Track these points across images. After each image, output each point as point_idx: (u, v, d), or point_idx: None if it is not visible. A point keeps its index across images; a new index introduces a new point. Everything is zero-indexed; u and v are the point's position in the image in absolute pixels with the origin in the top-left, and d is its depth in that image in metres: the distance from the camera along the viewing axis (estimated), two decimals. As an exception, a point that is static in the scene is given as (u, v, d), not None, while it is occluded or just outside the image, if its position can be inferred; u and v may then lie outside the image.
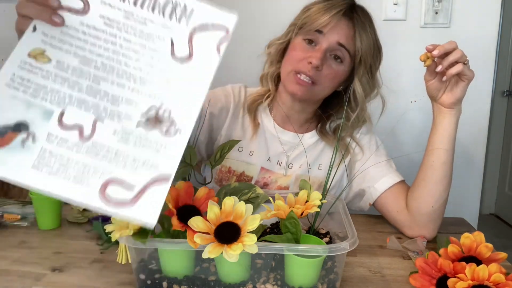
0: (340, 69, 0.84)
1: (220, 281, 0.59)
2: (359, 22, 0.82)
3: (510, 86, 2.79)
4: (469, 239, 0.60)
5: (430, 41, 1.20)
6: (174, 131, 0.49)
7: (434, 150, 0.80)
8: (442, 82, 0.76)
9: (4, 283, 0.65)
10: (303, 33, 0.83)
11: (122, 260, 0.61)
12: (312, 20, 0.81)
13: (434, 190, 0.80)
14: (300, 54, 0.83)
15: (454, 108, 0.78)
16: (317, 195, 0.64)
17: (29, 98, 0.48)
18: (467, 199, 1.28)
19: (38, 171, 0.46)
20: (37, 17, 0.51)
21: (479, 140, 1.25)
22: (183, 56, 0.52)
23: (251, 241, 0.52)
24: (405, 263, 0.72)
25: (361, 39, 0.81)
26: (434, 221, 0.82)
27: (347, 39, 0.81)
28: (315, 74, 0.81)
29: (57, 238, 0.83)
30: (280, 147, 0.94)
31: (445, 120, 0.79)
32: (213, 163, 0.71)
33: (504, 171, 2.91)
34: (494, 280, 0.53)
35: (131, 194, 0.46)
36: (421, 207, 0.81)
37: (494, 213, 3.04)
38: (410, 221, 0.84)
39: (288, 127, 0.95)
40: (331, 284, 0.60)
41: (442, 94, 0.78)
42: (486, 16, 1.18)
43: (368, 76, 0.86)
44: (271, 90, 0.93)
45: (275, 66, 0.91)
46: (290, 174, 0.94)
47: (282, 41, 0.88)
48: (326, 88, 0.86)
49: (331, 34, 0.81)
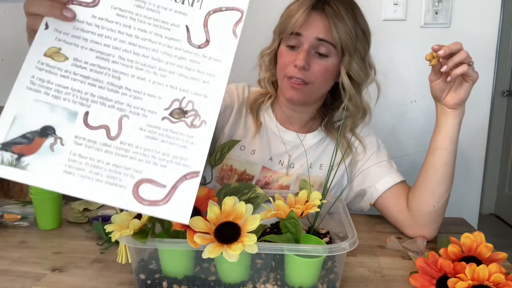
0: (329, 63, 0.83)
1: (220, 281, 0.59)
2: (331, 12, 0.80)
3: (510, 86, 2.79)
4: (469, 239, 0.60)
5: (430, 41, 1.20)
6: (199, 123, 0.48)
7: (437, 150, 0.80)
8: (447, 83, 0.76)
9: (4, 283, 0.65)
10: (284, 40, 0.85)
11: (122, 260, 0.61)
12: (286, 24, 0.82)
13: (436, 190, 0.80)
14: (286, 60, 0.84)
15: (458, 109, 0.78)
16: (317, 195, 0.64)
17: (52, 100, 0.47)
18: (467, 199, 1.28)
19: (70, 175, 0.45)
20: (47, 14, 0.49)
21: (479, 140, 1.25)
22: (200, 42, 0.51)
23: (251, 241, 0.52)
24: (405, 263, 0.72)
25: (337, 29, 0.79)
26: (435, 221, 0.82)
27: (325, 32, 0.80)
28: (304, 74, 0.82)
29: (57, 238, 0.83)
30: (283, 147, 0.95)
31: (448, 121, 0.78)
32: (213, 163, 0.71)
33: (504, 171, 2.91)
34: (494, 280, 0.53)
35: (163, 193, 0.45)
36: (422, 207, 0.81)
37: (494, 213, 3.04)
38: (410, 221, 0.84)
39: (290, 126, 0.96)
40: (331, 284, 0.60)
41: (446, 95, 0.78)
42: (486, 16, 1.18)
43: (359, 62, 0.84)
44: (271, 92, 0.95)
45: (270, 72, 0.93)
46: (292, 173, 0.94)
47: (271, 50, 0.90)
48: (321, 85, 0.86)
49: (308, 32, 0.81)
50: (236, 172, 0.94)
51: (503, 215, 2.94)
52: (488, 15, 1.18)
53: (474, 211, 1.29)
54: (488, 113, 1.23)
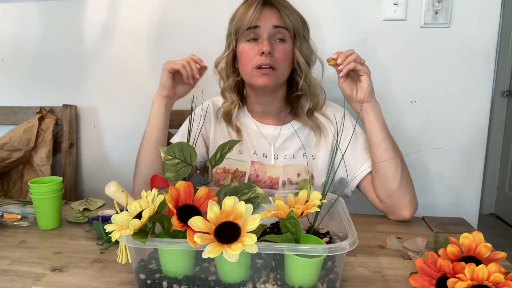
0: (287, 47, 0.91)
1: (220, 281, 0.59)
2: (280, 3, 0.90)
3: (510, 86, 2.79)
4: (468, 239, 0.60)
5: (430, 41, 1.21)
6: None
7: (374, 144, 0.90)
8: (351, 81, 0.91)
9: (4, 283, 0.65)
10: (242, 37, 0.92)
11: (122, 260, 0.61)
12: (241, 24, 0.90)
13: (386, 175, 0.89)
14: (250, 53, 0.90)
15: (371, 100, 0.90)
16: (317, 195, 0.64)
17: None
18: (467, 199, 1.28)
19: None
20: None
21: (479, 140, 1.25)
22: None
23: (251, 241, 0.52)
24: (405, 263, 0.72)
25: (288, 16, 0.90)
26: (401, 200, 0.90)
27: (279, 20, 0.90)
28: (271, 59, 0.89)
29: (57, 238, 0.83)
30: (264, 140, 1.01)
31: (370, 113, 0.90)
32: (213, 163, 0.71)
33: (504, 171, 2.91)
34: (494, 280, 0.53)
35: None
36: (383, 193, 0.91)
37: (494, 213, 3.04)
38: (385, 207, 0.93)
39: (267, 121, 1.02)
40: (331, 284, 0.60)
41: (356, 92, 0.90)
42: (486, 16, 1.18)
43: (307, 44, 0.95)
44: (234, 100, 1.00)
45: (231, 77, 0.98)
46: (278, 164, 1.00)
47: (228, 53, 0.95)
48: (284, 69, 0.93)
49: (264, 23, 0.89)
50: (230, 172, 1.00)
51: (503, 215, 2.94)
52: (488, 15, 1.17)
53: (474, 211, 1.29)
54: (488, 113, 1.23)
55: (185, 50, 1.37)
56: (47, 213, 0.87)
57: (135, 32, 1.33)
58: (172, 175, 0.66)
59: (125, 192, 0.72)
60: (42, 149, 1.36)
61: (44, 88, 1.43)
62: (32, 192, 0.87)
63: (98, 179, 1.44)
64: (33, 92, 1.44)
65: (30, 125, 1.35)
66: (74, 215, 0.93)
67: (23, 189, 1.39)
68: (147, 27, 1.32)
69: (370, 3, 1.21)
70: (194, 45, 1.30)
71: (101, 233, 0.81)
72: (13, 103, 1.44)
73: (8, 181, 1.40)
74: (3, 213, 0.92)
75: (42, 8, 1.37)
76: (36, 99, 1.43)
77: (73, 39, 1.37)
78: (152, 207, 0.56)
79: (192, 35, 1.30)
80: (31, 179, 0.90)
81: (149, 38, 1.33)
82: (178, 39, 1.31)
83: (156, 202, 0.58)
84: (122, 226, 0.56)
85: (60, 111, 1.40)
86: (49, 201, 0.87)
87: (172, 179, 0.66)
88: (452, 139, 1.24)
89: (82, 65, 1.39)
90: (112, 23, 1.34)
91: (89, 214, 0.95)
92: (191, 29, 1.30)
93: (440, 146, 1.22)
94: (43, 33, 1.39)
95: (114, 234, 0.55)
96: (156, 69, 1.32)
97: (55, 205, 0.88)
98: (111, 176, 1.41)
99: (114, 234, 0.55)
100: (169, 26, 1.31)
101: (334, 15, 1.23)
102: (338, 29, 1.24)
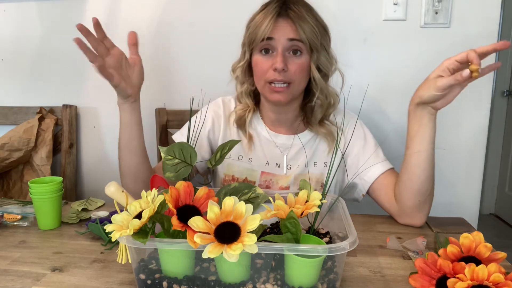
0: (303, 60, 0.87)
1: (220, 281, 0.59)
2: (296, 15, 0.85)
3: (510, 86, 2.78)
4: (468, 239, 0.60)
5: (430, 41, 1.20)
6: None
7: (421, 152, 0.83)
8: (458, 87, 0.76)
9: (4, 283, 0.65)
10: (256, 48, 0.89)
11: (122, 260, 0.61)
12: (256, 34, 0.86)
13: (421, 188, 0.85)
14: (264, 67, 0.87)
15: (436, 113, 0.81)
16: (317, 195, 0.64)
17: None
18: (467, 199, 1.28)
19: None
20: None
21: (479, 140, 1.25)
22: None
23: (251, 241, 0.52)
24: (405, 263, 0.72)
25: (303, 29, 0.85)
26: (422, 210, 0.87)
27: (294, 33, 0.85)
28: (285, 75, 0.86)
29: (57, 238, 0.83)
30: (277, 150, 0.99)
31: (431, 122, 0.81)
32: (213, 163, 0.71)
33: (504, 171, 2.90)
34: (494, 280, 0.53)
35: None
36: (409, 202, 0.87)
37: (494, 213, 3.04)
38: (399, 211, 0.90)
39: (280, 130, 1.00)
40: (331, 284, 0.60)
41: (441, 98, 0.78)
42: (486, 16, 1.18)
43: (326, 55, 0.90)
44: (250, 105, 0.98)
45: (247, 84, 0.96)
46: (290, 174, 0.98)
47: (243, 63, 0.93)
48: (300, 82, 0.90)
49: (279, 35, 0.85)
50: (238, 180, 0.99)
51: (503, 215, 2.94)
52: (488, 15, 1.17)
53: (474, 211, 1.29)
54: (488, 113, 1.23)
55: (185, 50, 1.37)
56: (47, 213, 0.87)
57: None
58: (172, 175, 0.66)
59: (125, 192, 0.72)
60: (42, 149, 1.36)
61: (44, 88, 1.43)
62: (32, 192, 0.87)
63: (98, 179, 1.44)
64: (33, 92, 1.44)
65: (30, 125, 1.35)
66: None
67: (23, 189, 1.39)
68: (147, 27, 1.32)
69: (370, 3, 1.21)
70: (194, 45, 1.30)
71: (99, 234, 0.81)
72: (13, 103, 1.44)
73: (8, 181, 1.40)
74: (3, 213, 0.92)
75: (42, 8, 1.37)
76: (36, 99, 1.43)
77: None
78: (152, 207, 0.56)
79: (192, 35, 1.30)
80: (31, 179, 0.90)
81: (149, 38, 1.33)
82: (178, 39, 1.31)
83: (156, 202, 0.58)
84: (122, 226, 0.56)
85: (60, 111, 1.40)
86: (49, 201, 0.87)
87: (172, 179, 0.66)
88: (452, 139, 1.24)
89: (82, 65, 1.38)
90: (112, 23, 1.34)
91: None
92: (191, 29, 1.30)
93: (440, 146, 1.22)
94: (43, 33, 1.39)
95: (114, 234, 0.55)
96: (156, 69, 1.32)
97: (55, 205, 0.88)
98: (111, 176, 1.40)
99: (114, 234, 0.55)
100: (169, 26, 1.31)
101: (334, 15, 1.23)
102: (338, 29, 1.24)
